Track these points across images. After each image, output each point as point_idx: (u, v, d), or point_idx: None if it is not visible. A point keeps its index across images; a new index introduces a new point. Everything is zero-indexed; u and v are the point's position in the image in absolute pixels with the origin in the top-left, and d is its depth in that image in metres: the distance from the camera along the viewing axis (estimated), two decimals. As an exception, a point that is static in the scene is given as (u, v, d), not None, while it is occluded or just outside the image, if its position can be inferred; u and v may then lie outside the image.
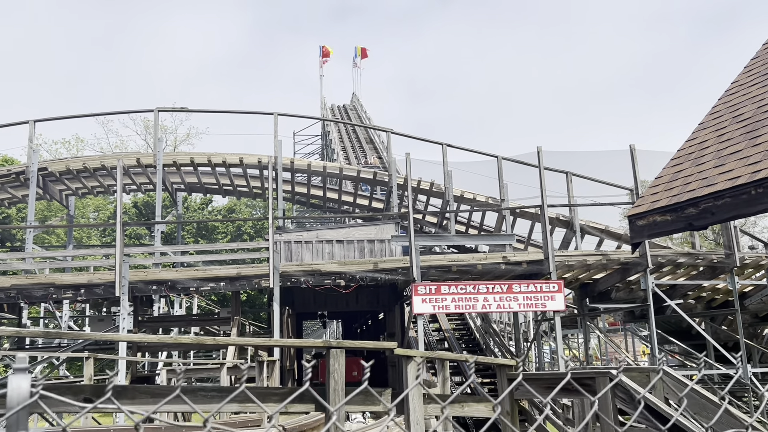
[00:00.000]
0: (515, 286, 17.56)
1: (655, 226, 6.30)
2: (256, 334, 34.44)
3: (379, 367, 24.32)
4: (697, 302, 21.65)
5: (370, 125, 45.54)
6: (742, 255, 19.43)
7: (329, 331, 53.90)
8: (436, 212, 25.80)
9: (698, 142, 7.00)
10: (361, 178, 25.96)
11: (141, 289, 18.61)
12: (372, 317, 32.35)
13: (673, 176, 6.61)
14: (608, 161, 31.10)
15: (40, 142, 42.71)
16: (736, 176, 5.64)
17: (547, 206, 19.45)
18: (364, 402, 6.99)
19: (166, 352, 24.46)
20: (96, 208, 46.12)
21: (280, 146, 23.09)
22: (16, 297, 18.39)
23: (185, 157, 24.84)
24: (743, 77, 7.94)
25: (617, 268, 19.89)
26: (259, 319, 41.15)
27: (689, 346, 21.39)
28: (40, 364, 24.71)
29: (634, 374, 10.72)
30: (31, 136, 22.69)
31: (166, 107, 27.05)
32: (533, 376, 10.40)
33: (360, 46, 66.68)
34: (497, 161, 22.89)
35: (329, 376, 6.73)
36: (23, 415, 3.44)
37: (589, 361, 23.18)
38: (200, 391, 6.26)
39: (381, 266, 18.91)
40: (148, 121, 47.82)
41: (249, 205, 51.79)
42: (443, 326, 27.31)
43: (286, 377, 21.26)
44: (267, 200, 22.66)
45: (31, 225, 22.33)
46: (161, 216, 23.44)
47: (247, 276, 18.60)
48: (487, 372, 21.87)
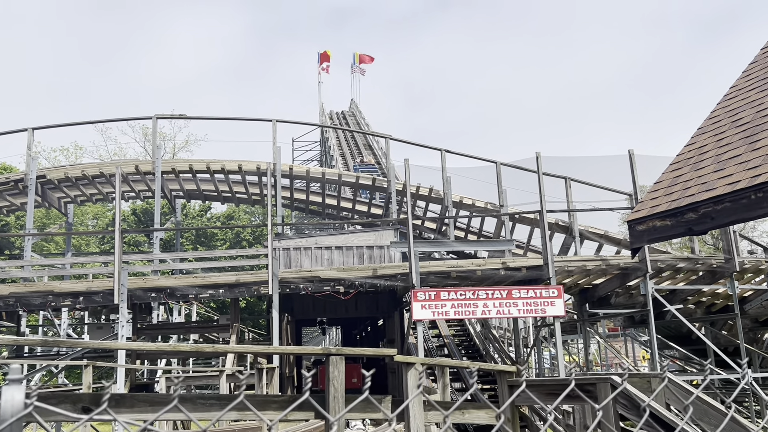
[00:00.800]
0: (515, 292, 17.49)
1: (655, 231, 6.28)
2: (255, 342, 34.32)
3: (378, 373, 24.25)
4: (697, 307, 21.61)
5: (369, 131, 45.56)
6: (741, 260, 19.40)
7: (328, 337, 53.79)
8: (435, 218, 25.77)
9: (697, 146, 7.00)
10: (360, 184, 25.93)
11: (140, 297, 18.58)
12: (371, 324, 32.27)
13: (672, 181, 6.60)
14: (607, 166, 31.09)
15: (39, 150, 42.76)
16: (736, 181, 5.63)
17: (546, 212, 19.40)
18: (365, 409, 6.97)
19: (165, 359, 24.39)
20: (95, 216, 46.08)
21: (278, 153, 23.07)
22: (14, 305, 18.40)
23: (184, 164, 24.82)
24: (742, 82, 7.94)
25: (617, 273, 19.83)
26: (258, 326, 41.06)
27: (689, 351, 21.33)
28: (38, 372, 24.62)
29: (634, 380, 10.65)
30: (30, 144, 22.67)
31: (165, 114, 27.08)
32: (535, 383, 10.32)
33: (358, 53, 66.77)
34: (496, 167, 22.89)
35: (329, 383, 6.67)
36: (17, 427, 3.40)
37: (590, 366, 23.12)
38: (199, 399, 6.17)
39: (380, 272, 18.87)
40: (146, 128, 47.90)
41: (248, 211, 51.78)
42: (443, 332, 27.23)
43: (286, 384, 21.18)
44: (266, 207, 22.64)
45: (29, 233, 22.30)
46: (160, 223, 23.41)
47: (246, 283, 18.56)
48: (486, 378, 21.79)
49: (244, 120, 25.16)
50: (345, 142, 45.92)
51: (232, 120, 25.90)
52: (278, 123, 23.17)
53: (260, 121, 24.17)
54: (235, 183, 25.98)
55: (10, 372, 3.55)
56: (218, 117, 26.35)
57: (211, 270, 20.09)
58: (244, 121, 25.33)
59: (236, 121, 25.87)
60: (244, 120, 25.14)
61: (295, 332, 28.12)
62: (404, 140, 25.32)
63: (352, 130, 47.62)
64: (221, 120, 26.51)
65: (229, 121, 26.17)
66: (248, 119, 24.96)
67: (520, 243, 24.11)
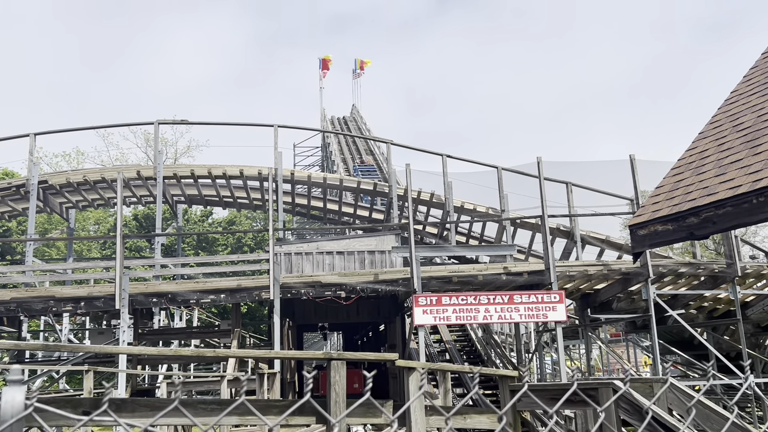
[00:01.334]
0: (516, 297, 17.45)
1: (657, 236, 6.27)
2: (256, 347, 34.29)
3: (380, 379, 24.18)
4: (698, 312, 21.55)
5: (370, 137, 45.61)
6: (743, 264, 19.38)
7: (330, 342, 53.75)
8: (436, 223, 25.75)
9: (699, 151, 6.99)
10: (362, 189, 25.94)
11: (141, 302, 18.52)
12: (373, 329, 32.24)
13: (674, 185, 6.59)
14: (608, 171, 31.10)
15: (41, 155, 42.79)
16: (737, 185, 5.63)
17: (548, 216, 19.40)
18: (366, 414, 6.95)
19: (166, 364, 24.35)
20: (96, 221, 46.11)
21: (280, 158, 23.08)
22: (15, 310, 18.34)
23: (185, 170, 24.84)
24: (743, 86, 7.94)
25: (618, 278, 19.81)
26: (259, 331, 41.05)
27: (691, 357, 21.27)
28: (39, 377, 24.59)
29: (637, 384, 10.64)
30: (32, 149, 22.68)
31: (167, 120, 27.12)
32: (537, 387, 10.33)
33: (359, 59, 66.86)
34: (497, 172, 22.88)
35: (330, 388, 6.66)
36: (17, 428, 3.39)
37: (592, 372, 23.07)
38: (200, 403, 6.19)
39: (382, 277, 18.83)
40: (148, 133, 47.90)
41: (249, 216, 51.77)
42: (444, 338, 27.19)
43: (287, 390, 21.12)
44: (267, 212, 22.63)
45: (31, 238, 22.29)
46: (161, 228, 23.40)
47: (248, 288, 18.51)
48: (488, 383, 21.75)
49: (245, 125, 25.23)
50: (346, 147, 45.97)
51: (234, 125, 25.98)
52: (280, 128, 23.19)
53: (262, 126, 24.21)
54: (236, 188, 25.99)
55: (11, 373, 3.52)
56: (220, 122, 26.52)
57: (213, 275, 20.05)
58: (245, 126, 25.40)
59: (238, 127, 25.98)
60: (246, 125, 25.20)
61: (297, 337, 28.10)
62: (405, 145, 25.32)
63: (354, 135, 47.67)
64: (223, 125, 26.72)
65: (231, 126, 26.31)
66: (250, 124, 25.01)
67: (522, 248, 24.06)
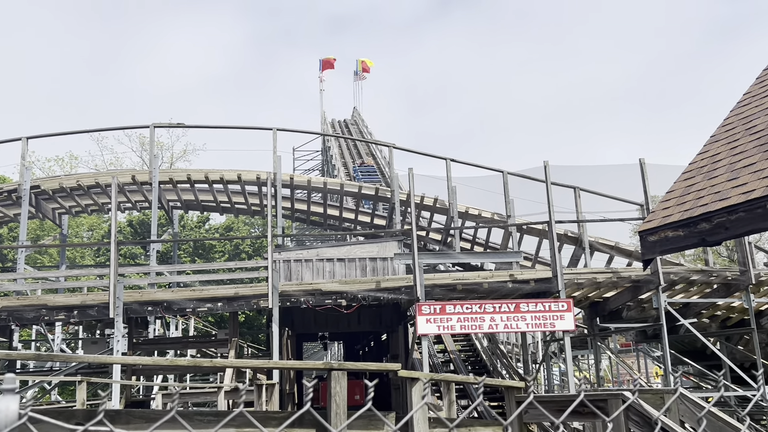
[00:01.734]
0: (523, 306, 17.07)
1: (667, 242, 6.17)
2: (254, 357, 33.76)
3: (382, 390, 23.65)
4: (711, 321, 21.08)
5: (372, 140, 45.13)
6: (757, 272, 18.89)
7: (330, 352, 53.17)
8: (440, 229, 25.28)
9: (710, 155, 6.88)
10: (363, 194, 25.47)
11: (136, 311, 18.19)
12: (375, 338, 31.73)
13: (684, 190, 6.49)
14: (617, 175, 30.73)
15: (33, 160, 42.24)
16: (751, 190, 5.52)
17: (555, 222, 18.95)
18: (367, 426, 6.88)
19: (161, 375, 23.85)
20: (90, 227, 45.53)
21: (279, 162, 22.63)
22: (7, 319, 18.06)
23: (182, 174, 24.39)
24: (755, 88, 7.84)
25: (628, 286, 19.37)
26: (257, 340, 40.50)
27: (704, 367, 20.79)
28: (31, 388, 24.00)
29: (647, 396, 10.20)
30: (24, 154, 22.25)
31: (163, 123, 26.62)
32: (544, 399, 10.03)
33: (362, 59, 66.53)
34: (503, 176, 22.45)
35: (330, 399, 6.58)
36: (11, 438, 3.15)
37: (601, 382, 22.52)
38: (197, 415, 6.02)
39: (384, 285, 18.44)
40: (143, 137, 47.56)
41: (247, 222, 51.29)
42: (448, 347, 26.66)
43: (286, 401, 20.66)
44: (266, 218, 22.14)
45: (23, 245, 21.93)
46: (157, 235, 22.95)
47: (246, 296, 18.12)
48: (494, 395, 21.23)
49: (243, 129, 24.71)
50: (347, 151, 45.49)
51: (232, 129, 25.46)
52: (279, 131, 22.73)
53: (260, 129, 23.72)
54: (234, 193, 25.51)
55: (5, 382, 3.46)
56: (217, 126, 25.94)
57: (210, 283, 19.57)
58: (243, 129, 24.88)
59: (235, 131, 25.47)
60: (244, 129, 24.70)
61: (296, 347, 27.53)
62: (408, 149, 24.90)
63: (354, 139, 47.21)
64: (220, 129, 26.09)
65: (229, 130, 25.75)
66: (248, 128, 24.48)
67: (528, 255, 23.65)
